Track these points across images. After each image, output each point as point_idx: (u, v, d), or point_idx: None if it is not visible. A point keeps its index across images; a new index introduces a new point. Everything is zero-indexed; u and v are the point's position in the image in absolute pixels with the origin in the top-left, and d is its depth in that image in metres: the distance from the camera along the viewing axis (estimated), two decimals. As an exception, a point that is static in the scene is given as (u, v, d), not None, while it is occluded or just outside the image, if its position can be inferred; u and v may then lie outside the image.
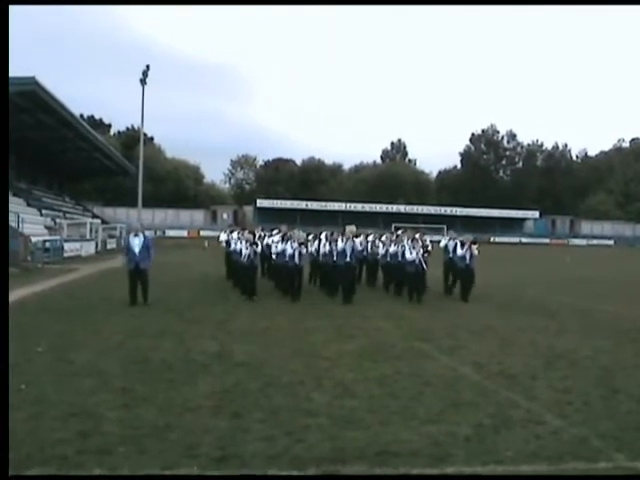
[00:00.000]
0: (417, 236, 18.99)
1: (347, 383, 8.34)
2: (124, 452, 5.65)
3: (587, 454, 5.89)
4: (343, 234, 17.96)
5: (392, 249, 19.72)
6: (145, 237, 16.07)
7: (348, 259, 17.31)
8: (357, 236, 18.66)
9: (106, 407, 6.98)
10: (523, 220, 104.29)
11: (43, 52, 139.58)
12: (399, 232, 20.97)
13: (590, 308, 17.25)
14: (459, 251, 18.46)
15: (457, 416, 6.97)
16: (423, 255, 17.85)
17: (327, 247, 18.81)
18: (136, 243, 15.75)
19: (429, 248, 18.72)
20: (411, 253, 17.83)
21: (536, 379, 8.86)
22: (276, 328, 12.76)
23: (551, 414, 7.12)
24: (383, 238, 21.41)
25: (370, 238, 21.70)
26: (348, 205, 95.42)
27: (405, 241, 18.75)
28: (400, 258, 18.76)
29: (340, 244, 17.43)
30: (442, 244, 20.23)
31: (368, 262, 21.63)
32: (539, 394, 8.04)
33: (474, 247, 18.30)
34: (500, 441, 6.18)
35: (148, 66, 53.62)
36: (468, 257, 18.28)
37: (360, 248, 18.91)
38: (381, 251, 20.75)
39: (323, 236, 19.81)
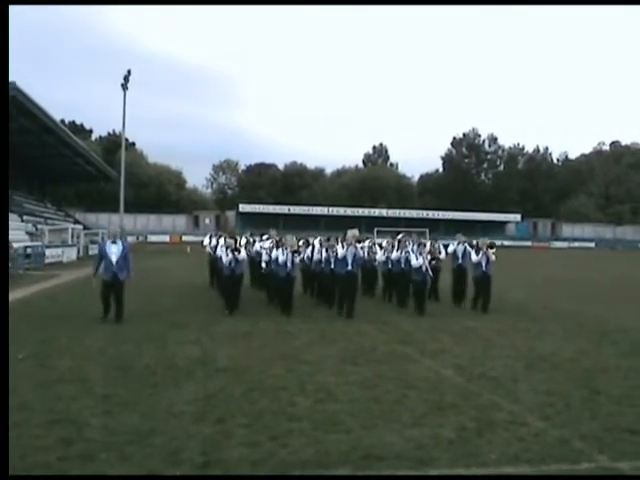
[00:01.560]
0: (428, 243, 17.71)
1: (330, 387, 8.36)
2: (107, 458, 5.63)
3: (569, 455, 5.94)
4: (343, 239, 16.11)
5: (395, 255, 17.94)
6: (124, 244, 14.39)
7: (350, 267, 15.45)
8: (359, 241, 16.44)
9: (89, 413, 6.95)
10: (505, 223, 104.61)
11: (23, 55, 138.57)
12: (400, 236, 19.01)
13: (571, 310, 17.36)
14: (474, 257, 16.70)
15: (440, 419, 7.00)
16: (430, 262, 16.31)
17: (323, 254, 17.14)
18: (113, 251, 13.92)
19: (441, 256, 17.71)
20: (417, 259, 16.06)
21: (518, 381, 8.91)
22: (259, 332, 12.74)
23: (533, 416, 7.17)
24: (384, 243, 19.89)
25: (367, 243, 20.17)
26: (330, 209, 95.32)
27: (409, 247, 17.50)
28: (404, 265, 17.33)
29: (340, 250, 15.57)
30: (450, 249, 18.54)
31: (366, 269, 19.70)
32: (521, 396, 8.08)
33: (491, 252, 16.58)
34: (483, 444, 6.21)
35: (129, 71, 53.73)
36: (484, 263, 16.50)
37: (362, 255, 16.85)
38: (380, 257, 19.12)
39: (317, 242, 18.37)
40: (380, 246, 19.89)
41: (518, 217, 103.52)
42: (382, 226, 75.42)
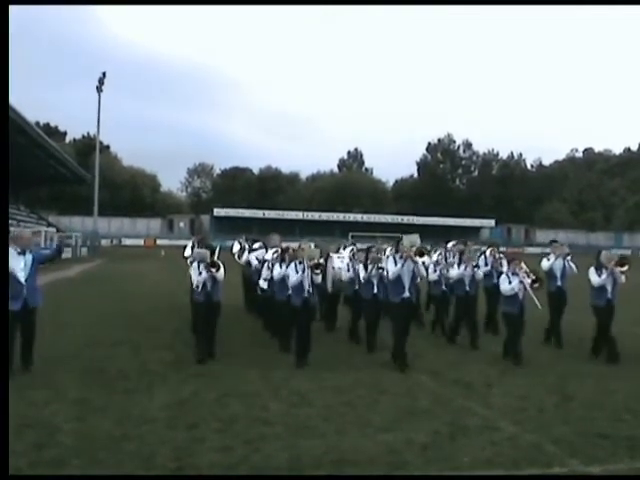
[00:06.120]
0: (488, 251, 14.20)
1: (303, 392, 8.35)
2: (79, 464, 5.58)
3: (542, 459, 5.99)
4: (397, 250, 11.03)
5: (456, 272, 12.74)
6: (34, 256, 9.45)
7: (407, 293, 10.36)
8: (422, 254, 10.42)
9: (61, 418, 6.90)
10: (479, 228, 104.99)
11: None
12: (451, 244, 15.05)
13: (545, 317, 17.42)
14: (595, 278, 11.35)
15: (414, 424, 7.02)
16: (532, 285, 11.15)
17: (361, 272, 11.78)
18: (21, 267, 9.11)
19: (540, 274, 11.71)
20: (510, 282, 11.11)
21: (492, 387, 8.95)
22: (232, 338, 12.67)
23: (506, 421, 7.20)
24: (435, 256, 14.62)
25: (435, 256, 14.74)
26: (305, 214, 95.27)
27: (483, 260, 13.99)
28: (469, 287, 12.72)
29: (392, 267, 10.42)
30: (545, 265, 13.48)
31: None
32: (495, 401, 8.13)
33: (619, 271, 11.17)
34: (456, 448, 6.24)
35: (104, 73, 53.43)
36: (610, 288, 11.30)
37: (424, 274, 11.01)
38: (432, 275, 13.53)
39: (347, 252, 13.78)
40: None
41: (492, 222, 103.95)
42: (357, 231, 75.40)
